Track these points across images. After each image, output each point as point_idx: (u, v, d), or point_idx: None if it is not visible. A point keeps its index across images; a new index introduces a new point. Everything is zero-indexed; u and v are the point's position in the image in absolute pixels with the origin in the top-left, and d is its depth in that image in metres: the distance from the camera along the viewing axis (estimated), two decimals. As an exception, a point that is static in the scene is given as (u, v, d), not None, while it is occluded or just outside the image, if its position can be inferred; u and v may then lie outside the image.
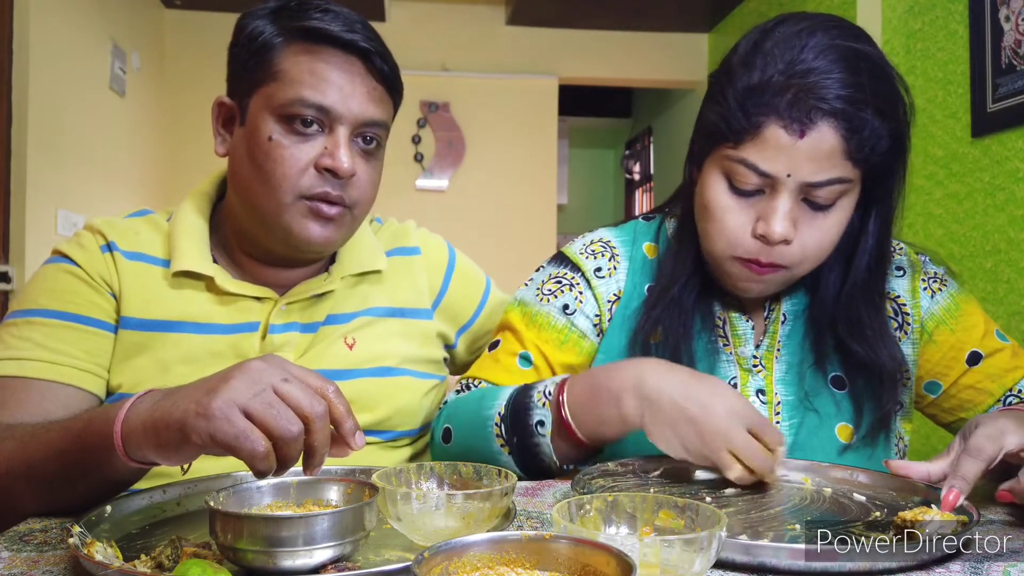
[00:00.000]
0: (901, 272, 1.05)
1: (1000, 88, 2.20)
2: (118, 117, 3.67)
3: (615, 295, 1.06)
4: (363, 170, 1.00)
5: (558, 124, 4.83)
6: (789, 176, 0.87)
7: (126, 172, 3.78)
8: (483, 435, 0.93)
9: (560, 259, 1.09)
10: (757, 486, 0.83)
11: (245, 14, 1.00)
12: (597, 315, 1.05)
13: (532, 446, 0.90)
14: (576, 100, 5.89)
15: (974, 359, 1.01)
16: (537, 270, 1.11)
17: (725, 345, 1.02)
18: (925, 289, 1.04)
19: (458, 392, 1.05)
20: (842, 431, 1.00)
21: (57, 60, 3.03)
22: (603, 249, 1.08)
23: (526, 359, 1.03)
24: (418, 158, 4.54)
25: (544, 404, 0.90)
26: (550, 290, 1.06)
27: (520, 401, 0.92)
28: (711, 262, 0.98)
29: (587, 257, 1.07)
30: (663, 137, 6.09)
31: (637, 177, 7.02)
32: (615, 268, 1.07)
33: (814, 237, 0.90)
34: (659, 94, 5.96)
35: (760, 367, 1.01)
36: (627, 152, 7.31)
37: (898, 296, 1.04)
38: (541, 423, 0.90)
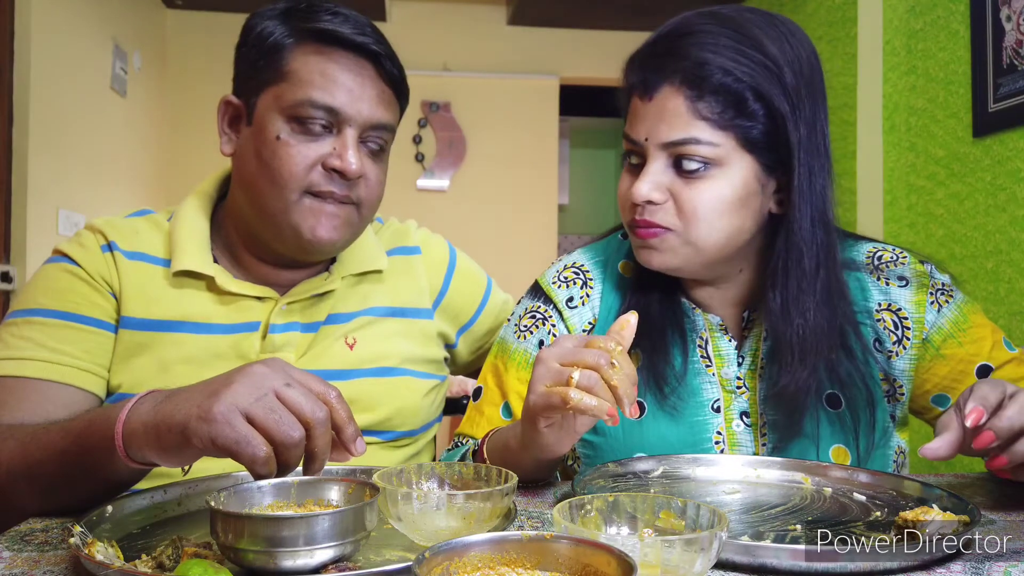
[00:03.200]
0: (904, 283, 1.01)
1: (1001, 88, 2.19)
2: (119, 117, 3.66)
3: (590, 323, 1.04)
4: (370, 170, 1.00)
5: (559, 124, 4.82)
6: (647, 140, 0.92)
7: (127, 172, 3.78)
8: None
9: (535, 290, 1.08)
10: (756, 486, 0.82)
11: (254, 14, 1.01)
12: None
13: None
14: (577, 100, 5.87)
15: (984, 372, 0.99)
16: (519, 301, 1.10)
17: (708, 366, 1.00)
18: (932, 303, 1.00)
19: (449, 450, 1.04)
20: (837, 454, 0.97)
21: (58, 60, 3.03)
22: (575, 276, 1.06)
23: (508, 410, 1.02)
24: (419, 158, 4.54)
25: (472, 455, 0.95)
26: (526, 326, 1.05)
27: (464, 456, 0.97)
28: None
29: (559, 286, 1.05)
30: (664, 137, 6.07)
31: (638, 177, 7.01)
32: (588, 295, 1.04)
33: (688, 201, 0.91)
34: (660, 94, 5.95)
35: (743, 388, 0.99)
36: (628, 152, 7.30)
37: (900, 308, 1.00)
38: None
